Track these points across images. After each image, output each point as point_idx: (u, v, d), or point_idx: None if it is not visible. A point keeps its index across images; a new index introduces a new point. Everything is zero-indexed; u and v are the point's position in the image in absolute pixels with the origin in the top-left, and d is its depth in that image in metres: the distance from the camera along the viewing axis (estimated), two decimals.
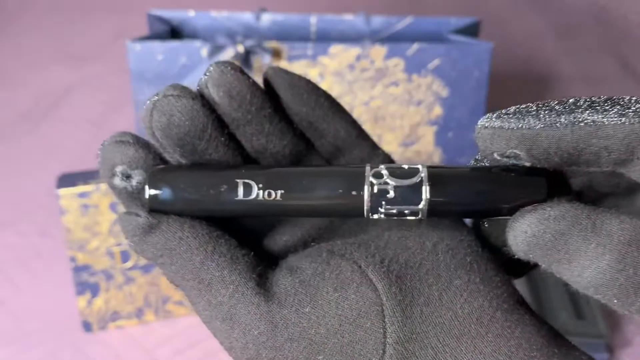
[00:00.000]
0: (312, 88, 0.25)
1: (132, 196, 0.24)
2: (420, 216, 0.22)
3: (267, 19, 0.76)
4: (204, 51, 0.64)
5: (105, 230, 0.62)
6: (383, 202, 0.22)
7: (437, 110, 0.68)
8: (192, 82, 0.65)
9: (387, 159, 0.27)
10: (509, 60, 1.12)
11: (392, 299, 0.21)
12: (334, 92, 0.68)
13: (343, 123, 0.26)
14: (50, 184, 0.85)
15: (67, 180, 0.61)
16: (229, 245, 0.23)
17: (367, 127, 0.51)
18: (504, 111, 0.21)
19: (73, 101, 1.07)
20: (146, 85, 0.66)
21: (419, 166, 0.23)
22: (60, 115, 1.03)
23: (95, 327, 0.66)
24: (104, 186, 0.60)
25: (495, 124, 0.21)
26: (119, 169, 0.24)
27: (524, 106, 0.21)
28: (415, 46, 0.67)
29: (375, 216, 0.23)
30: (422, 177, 0.22)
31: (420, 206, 0.22)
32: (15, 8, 1.39)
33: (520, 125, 0.20)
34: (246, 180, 0.23)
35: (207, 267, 0.22)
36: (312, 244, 0.25)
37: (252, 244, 0.25)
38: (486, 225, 0.24)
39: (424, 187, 0.22)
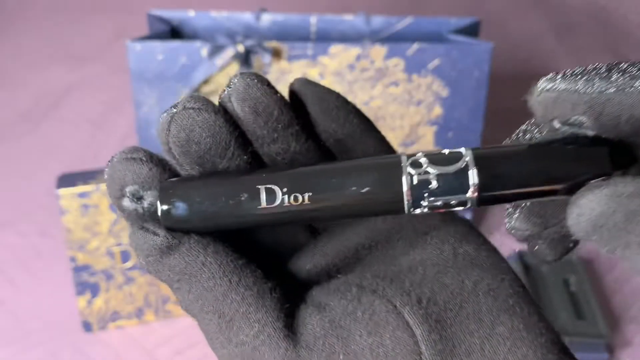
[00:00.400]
0: (342, 102, 0.23)
1: (143, 219, 0.21)
2: (469, 205, 0.20)
3: (267, 19, 0.76)
4: (204, 51, 0.64)
5: (105, 230, 0.62)
6: (425, 194, 0.20)
7: (437, 110, 0.68)
8: (192, 81, 0.66)
9: None
10: (509, 60, 1.12)
11: (432, 348, 0.19)
12: None
13: (373, 141, 0.23)
14: (50, 184, 0.85)
15: (67, 180, 0.61)
16: (256, 276, 0.21)
17: None
18: (569, 71, 0.19)
19: (73, 101, 1.07)
20: (146, 85, 0.66)
21: (462, 150, 0.21)
22: (60, 115, 1.03)
23: (95, 327, 0.66)
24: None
25: (561, 86, 0.19)
26: (129, 189, 0.21)
27: (591, 67, 0.19)
28: (415, 46, 0.67)
29: (418, 211, 0.20)
30: (467, 161, 0.20)
31: (469, 194, 0.20)
32: (15, 8, 1.39)
33: (589, 89, 0.18)
34: (269, 186, 0.21)
35: (231, 300, 0.20)
36: (338, 275, 0.22)
37: (271, 272, 0.22)
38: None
39: (470, 172, 0.20)
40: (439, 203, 0.20)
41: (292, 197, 0.20)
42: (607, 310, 0.70)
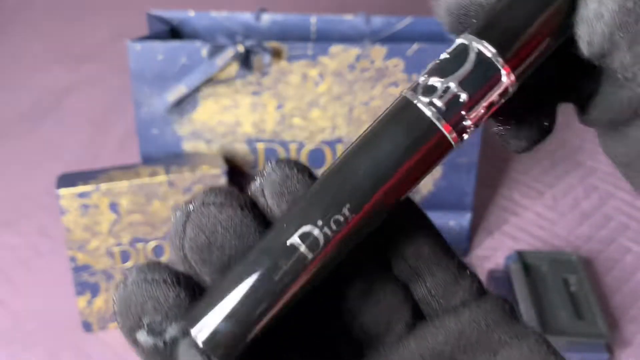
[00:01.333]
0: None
1: (165, 356, 0.17)
2: (512, 89, 0.18)
3: (267, 19, 0.76)
4: (204, 51, 0.64)
5: (105, 230, 0.62)
6: (463, 112, 0.17)
7: None
8: (192, 82, 0.66)
9: (477, 282, 0.19)
10: None
11: None
12: (334, 93, 0.68)
13: (426, 238, 0.19)
14: (50, 184, 0.85)
15: (67, 180, 0.61)
16: None
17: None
18: None
19: (73, 101, 1.07)
20: (146, 85, 0.66)
21: (459, 40, 0.18)
22: (60, 115, 1.03)
23: (95, 327, 0.67)
24: (103, 186, 0.61)
25: None
26: (147, 320, 0.16)
27: None
28: (415, 46, 0.67)
29: (467, 135, 0.18)
30: (477, 48, 0.17)
31: (503, 78, 0.17)
32: (15, 8, 1.39)
33: None
34: (300, 230, 0.16)
35: None
36: None
37: None
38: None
39: (488, 53, 0.17)
40: (482, 110, 0.18)
41: (332, 223, 0.16)
42: (607, 310, 0.70)
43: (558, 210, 0.85)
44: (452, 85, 0.17)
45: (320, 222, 0.16)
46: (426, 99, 0.17)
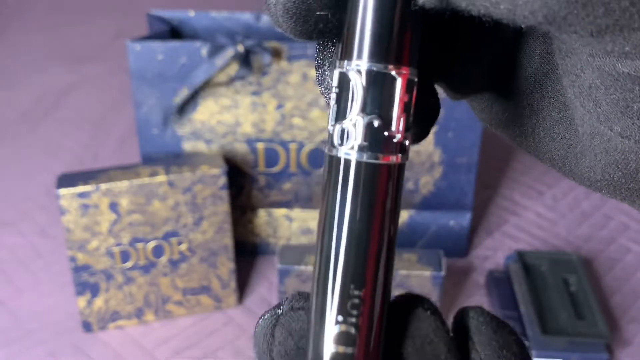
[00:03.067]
0: (516, 344, 0.17)
1: None
2: (413, 77, 0.17)
3: (267, 19, 0.76)
4: (204, 51, 0.64)
5: (105, 231, 0.62)
6: (386, 134, 0.17)
7: None
8: (193, 82, 0.66)
9: None
10: None
11: None
12: None
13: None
14: (50, 184, 0.85)
15: (67, 180, 0.61)
16: None
17: None
18: None
19: (73, 101, 1.07)
20: (146, 85, 0.66)
21: (335, 73, 0.17)
22: (60, 115, 1.03)
23: (95, 327, 0.66)
24: (103, 186, 0.61)
25: None
26: None
27: None
28: None
29: (407, 143, 0.18)
30: (352, 68, 0.17)
31: (395, 75, 0.17)
32: (16, 8, 1.39)
33: None
34: (332, 334, 0.17)
35: None
36: None
37: None
38: None
39: (363, 65, 0.17)
40: (400, 118, 0.17)
41: (351, 310, 0.17)
42: (606, 310, 0.70)
43: (558, 211, 0.85)
44: (358, 119, 0.17)
45: (341, 318, 0.16)
46: (348, 146, 0.17)
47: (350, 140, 0.17)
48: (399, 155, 0.18)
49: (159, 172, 0.62)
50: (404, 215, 0.74)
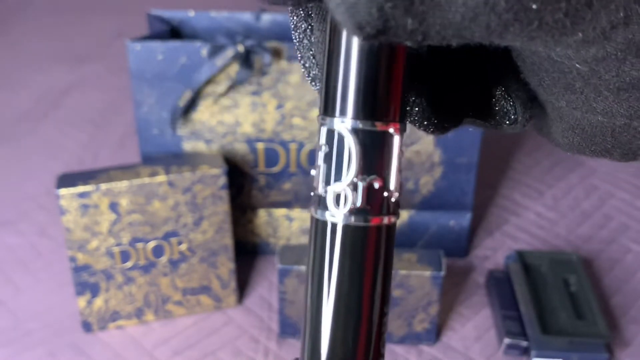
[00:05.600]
0: None
1: None
2: (405, 131, 0.17)
3: (267, 19, 0.76)
4: (204, 51, 0.64)
5: (105, 230, 0.62)
6: (385, 194, 0.17)
7: None
8: (194, 82, 0.66)
9: None
10: None
11: None
12: None
13: None
14: (50, 184, 0.85)
15: (67, 180, 0.61)
16: None
17: None
18: None
19: (73, 101, 1.07)
20: (146, 85, 0.66)
21: (323, 130, 0.17)
22: (60, 115, 1.03)
23: (95, 327, 0.66)
24: (103, 186, 0.60)
25: None
26: None
27: None
28: None
29: (398, 201, 0.18)
30: (346, 127, 0.16)
31: (392, 132, 0.16)
32: (16, 8, 1.39)
33: None
34: None
35: None
36: None
37: None
38: None
39: (360, 125, 0.16)
40: (396, 176, 0.17)
41: None
42: (607, 310, 0.69)
43: (558, 210, 0.85)
44: (356, 180, 0.16)
45: None
46: (345, 210, 0.16)
47: (348, 203, 0.16)
48: (397, 214, 0.17)
49: (159, 172, 0.62)
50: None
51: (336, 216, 0.17)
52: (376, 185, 0.17)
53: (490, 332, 0.67)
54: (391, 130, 0.17)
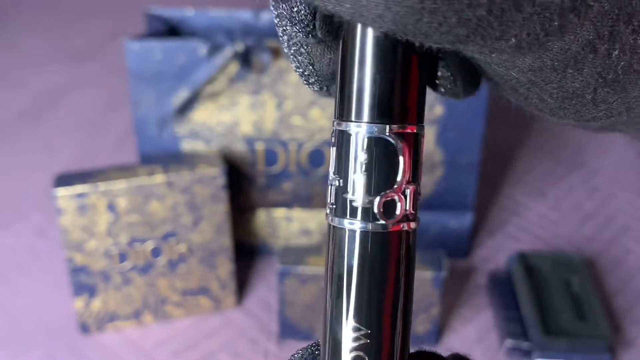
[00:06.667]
0: None
1: None
2: (422, 135, 0.17)
3: (266, 17, 0.75)
4: (203, 50, 0.64)
5: (103, 231, 0.62)
6: (402, 207, 0.17)
7: (438, 110, 0.68)
8: (194, 82, 0.65)
9: None
10: None
11: None
12: None
13: None
14: (47, 184, 0.84)
15: (65, 180, 0.61)
16: None
17: None
18: None
19: (70, 101, 1.06)
20: (144, 84, 0.65)
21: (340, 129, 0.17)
22: (58, 115, 1.03)
23: (92, 328, 0.66)
24: (101, 186, 0.60)
25: None
26: None
27: None
28: None
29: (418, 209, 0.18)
30: (370, 131, 0.16)
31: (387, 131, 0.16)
32: (13, 7, 1.38)
33: None
34: None
35: None
36: None
37: None
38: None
39: (379, 132, 0.16)
40: (412, 184, 0.17)
41: None
42: (609, 311, 0.69)
43: (560, 211, 0.84)
44: (405, 187, 0.16)
45: None
46: (398, 218, 0.16)
47: (400, 209, 0.16)
48: (417, 220, 0.17)
49: (157, 172, 0.62)
50: None
51: (354, 223, 0.16)
52: (419, 190, 0.17)
53: (492, 333, 0.67)
54: (419, 131, 0.17)
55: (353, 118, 0.16)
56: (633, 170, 0.92)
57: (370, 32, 0.16)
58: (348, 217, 0.16)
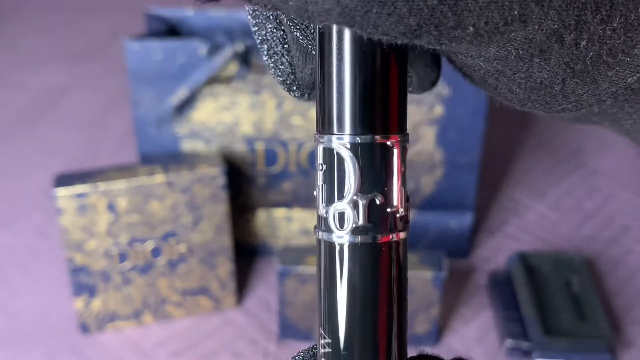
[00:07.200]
0: None
1: None
2: (406, 144, 0.17)
3: None
4: (203, 50, 0.64)
5: (103, 231, 0.62)
6: (389, 210, 0.17)
7: (438, 110, 0.68)
8: (193, 82, 0.65)
9: None
10: None
11: None
12: None
13: None
14: (47, 184, 0.84)
15: (65, 180, 0.60)
16: None
17: None
18: None
19: (71, 100, 1.06)
20: (144, 84, 0.65)
21: (320, 148, 0.16)
22: (58, 115, 1.02)
23: (92, 328, 0.66)
24: (101, 186, 0.60)
25: None
26: None
27: None
28: None
29: (409, 215, 0.18)
30: (344, 144, 0.16)
31: (390, 145, 0.16)
32: (13, 6, 1.38)
33: None
34: None
35: None
36: None
37: None
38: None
39: (358, 139, 0.16)
40: (399, 189, 0.17)
41: None
42: (609, 311, 0.69)
43: (560, 211, 0.84)
44: (357, 198, 0.16)
45: None
46: (347, 230, 0.16)
47: (350, 222, 0.16)
48: (406, 229, 0.17)
49: (157, 172, 0.62)
50: None
51: (341, 237, 0.16)
52: (377, 201, 0.16)
53: (492, 333, 0.67)
54: (389, 143, 0.16)
55: (319, 129, 0.17)
56: (633, 170, 0.92)
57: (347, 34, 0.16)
58: (316, 226, 0.17)
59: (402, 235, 0.17)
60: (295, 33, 0.18)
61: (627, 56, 0.16)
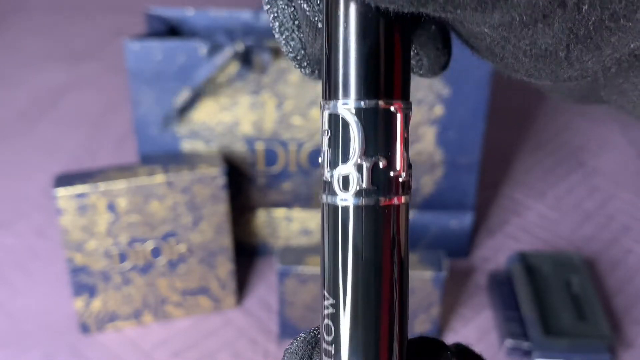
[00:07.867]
0: None
1: None
2: (409, 111, 0.17)
3: (266, 17, 0.75)
4: (203, 50, 0.64)
5: (103, 231, 0.62)
6: (392, 174, 0.17)
7: (438, 110, 0.68)
8: (193, 82, 0.65)
9: None
10: None
11: None
12: None
13: None
14: (47, 184, 0.84)
15: (65, 180, 0.60)
16: None
17: None
18: None
19: (70, 100, 1.06)
20: (144, 84, 0.65)
21: (325, 114, 0.17)
22: (58, 115, 1.02)
23: (92, 328, 0.66)
24: (101, 186, 0.60)
25: None
26: None
27: None
28: None
29: (410, 182, 0.18)
30: (349, 109, 0.16)
31: (394, 111, 0.16)
32: (13, 7, 1.38)
33: None
34: None
35: None
36: None
37: None
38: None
39: (361, 104, 0.16)
40: (402, 154, 0.17)
41: None
42: (609, 311, 0.69)
43: (560, 211, 0.84)
44: (361, 161, 0.16)
45: None
46: (352, 192, 0.16)
47: (354, 185, 0.16)
48: (408, 194, 0.17)
49: (157, 172, 0.62)
50: None
51: (345, 199, 0.17)
52: (381, 164, 0.16)
53: (492, 333, 0.67)
54: (393, 109, 0.17)
55: (325, 95, 0.17)
56: (633, 170, 0.92)
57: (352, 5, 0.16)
58: (322, 191, 0.17)
59: (404, 199, 0.17)
60: (302, 5, 0.18)
61: (628, 21, 0.16)
